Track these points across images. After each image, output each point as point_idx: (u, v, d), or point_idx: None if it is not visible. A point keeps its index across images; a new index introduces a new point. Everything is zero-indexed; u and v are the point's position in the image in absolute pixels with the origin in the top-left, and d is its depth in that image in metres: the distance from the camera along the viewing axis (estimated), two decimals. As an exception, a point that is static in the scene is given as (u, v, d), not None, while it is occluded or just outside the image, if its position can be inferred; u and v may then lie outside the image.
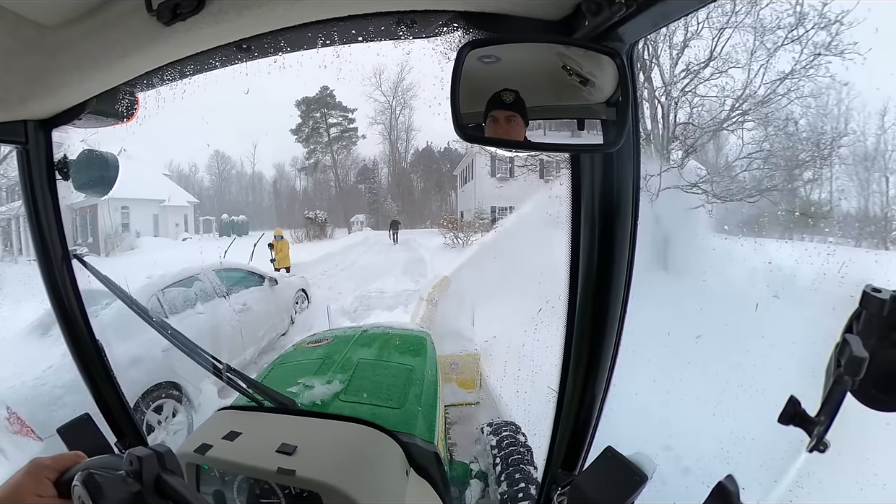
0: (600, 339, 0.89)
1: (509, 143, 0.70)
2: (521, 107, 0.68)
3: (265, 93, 29.22)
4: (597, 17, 0.62)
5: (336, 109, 37.17)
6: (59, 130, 1.09)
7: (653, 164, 7.99)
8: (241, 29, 0.76)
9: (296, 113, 37.02)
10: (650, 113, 8.77)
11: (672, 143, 8.72)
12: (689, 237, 7.66)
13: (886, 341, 0.59)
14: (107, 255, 18.26)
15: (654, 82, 8.75)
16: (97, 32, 0.82)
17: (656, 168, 7.94)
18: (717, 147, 9.60)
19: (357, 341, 2.32)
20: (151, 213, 23.74)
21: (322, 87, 35.77)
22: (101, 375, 1.33)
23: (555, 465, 1.01)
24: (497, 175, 22.68)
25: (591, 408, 0.95)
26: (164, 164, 29.05)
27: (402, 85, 38.46)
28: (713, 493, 0.64)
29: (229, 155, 40.02)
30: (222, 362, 1.38)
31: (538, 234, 7.51)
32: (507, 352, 4.42)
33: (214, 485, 1.17)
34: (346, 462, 1.14)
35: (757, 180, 8.36)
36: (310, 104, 36.50)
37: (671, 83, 8.72)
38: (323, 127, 37.33)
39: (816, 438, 0.63)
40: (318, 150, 37.89)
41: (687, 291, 6.03)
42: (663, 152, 8.59)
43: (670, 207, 7.72)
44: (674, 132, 8.76)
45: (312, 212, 28.47)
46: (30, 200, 1.16)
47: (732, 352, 4.35)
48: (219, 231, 29.08)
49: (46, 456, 0.72)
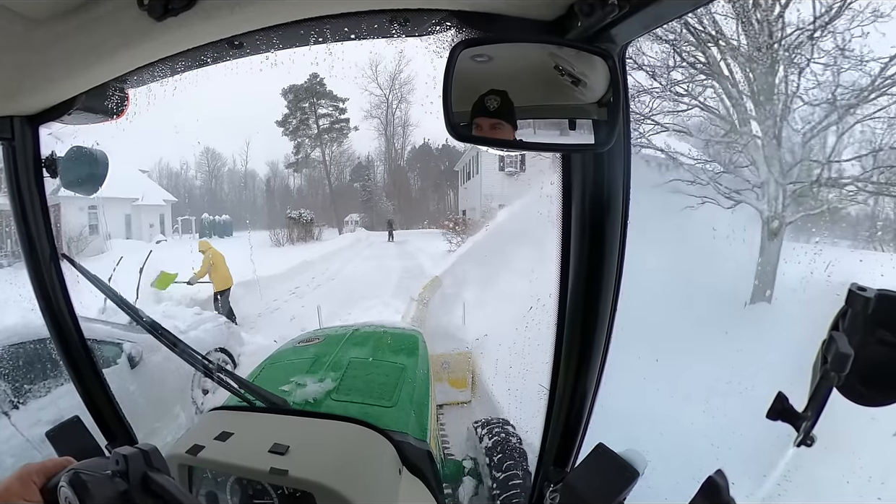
0: (591, 336, 0.90)
1: (501, 143, 0.70)
2: (506, 112, 0.67)
3: (258, 89, 28.50)
4: (589, 17, 0.62)
5: (326, 99, 35.21)
6: (46, 127, 1.07)
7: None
8: (233, 25, 0.76)
9: (282, 103, 35.09)
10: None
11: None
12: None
13: (871, 338, 0.60)
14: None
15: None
16: (87, 27, 0.81)
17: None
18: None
19: (349, 340, 2.31)
20: (123, 212, 21.42)
21: (311, 75, 33.14)
22: (90, 377, 1.31)
23: (547, 462, 1.02)
24: (506, 169, 20.25)
25: (583, 405, 0.96)
26: (142, 161, 26.97)
27: (399, 78, 36.79)
28: (703, 488, 0.65)
29: (220, 152, 38.68)
30: (213, 362, 1.37)
31: (545, 233, 7.22)
32: (499, 349, 4.44)
33: (207, 486, 1.16)
34: (338, 461, 1.14)
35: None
36: (298, 93, 34.34)
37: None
38: (312, 118, 35.40)
39: (804, 433, 0.65)
40: (306, 143, 36.08)
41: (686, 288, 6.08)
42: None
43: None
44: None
45: (296, 211, 26.17)
46: (16, 199, 1.14)
47: (721, 349, 4.40)
48: (199, 232, 26.79)
49: (36, 462, 0.72)
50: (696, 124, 8.11)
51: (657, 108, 7.85)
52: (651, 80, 7.68)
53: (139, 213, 22.71)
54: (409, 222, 33.40)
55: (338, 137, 36.27)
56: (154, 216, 23.93)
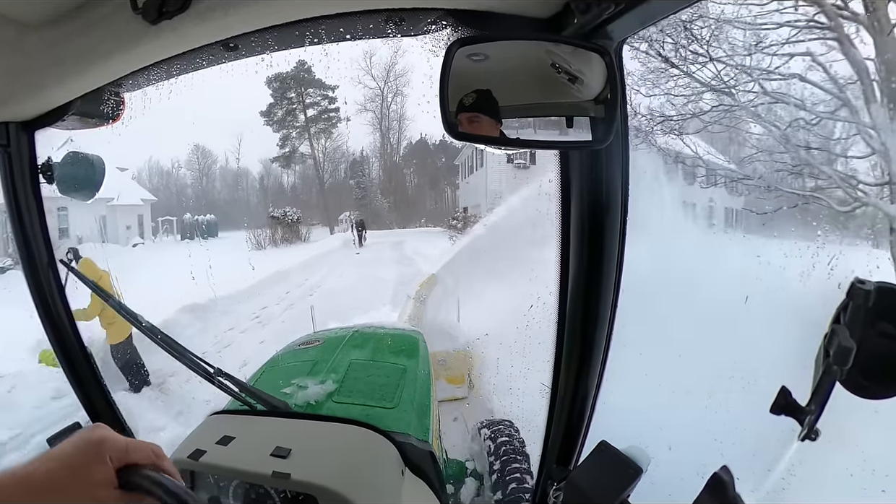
0: (592, 334, 0.90)
1: (498, 141, 0.70)
2: (484, 106, 0.68)
3: (251, 87, 27.56)
4: (585, 14, 0.62)
5: (314, 87, 32.42)
6: (42, 132, 1.07)
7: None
8: (227, 27, 0.75)
9: (267, 93, 32.12)
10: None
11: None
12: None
13: (872, 331, 0.60)
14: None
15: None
16: (81, 32, 0.81)
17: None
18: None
19: (349, 342, 2.31)
20: (97, 214, 18.95)
21: (299, 62, 29.64)
22: (90, 382, 1.31)
23: (550, 460, 1.02)
24: (515, 161, 17.30)
25: (585, 402, 0.96)
26: (126, 159, 23.46)
27: (394, 69, 34.16)
28: (709, 484, 0.65)
29: (210, 149, 35.89)
30: (213, 366, 1.36)
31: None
32: (500, 349, 4.44)
33: (209, 491, 1.16)
34: (341, 464, 1.13)
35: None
36: (284, 81, 31.29)
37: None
38: (299, 108, 32.67)
39: (807, 427, 0.64)
40: (293, 135, 33.27)
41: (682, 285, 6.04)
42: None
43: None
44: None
45: (280, 209, 23.15)
46: (12, 204, 1.13)
47: (724, 344, 4.40)
48: (180, 233, 25.14)
49: (118, 436, 0.59)
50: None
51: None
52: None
53: (115, 214, 20.56)
54: (405, 221, 32.18)
55: (327, 128, 33.84)
56: (131, 217, 21.85)
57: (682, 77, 7.06)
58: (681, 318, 4.69)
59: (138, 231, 21.98)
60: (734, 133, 8.39)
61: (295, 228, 22.57)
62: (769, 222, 6.63)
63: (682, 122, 7.53)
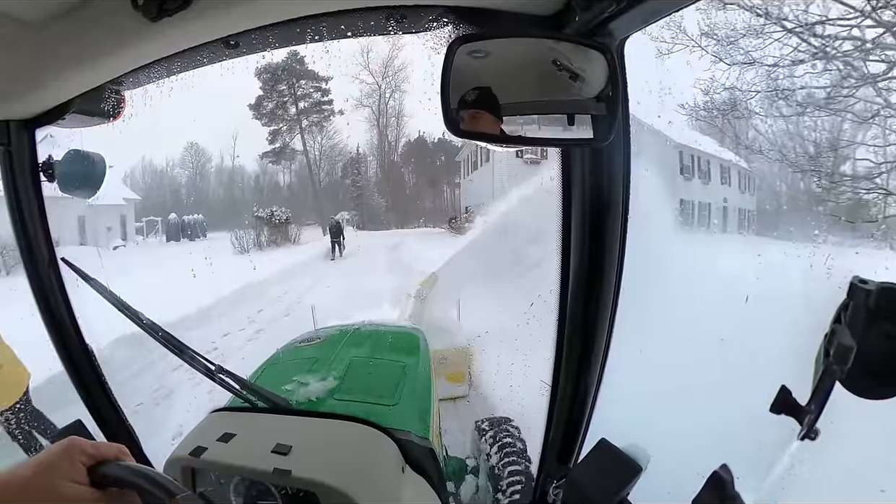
0: (592, 331, 0.90)
1: (499, 138, 0.70)
2: (485, 103, 0.68)
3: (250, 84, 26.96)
4: (587, 12, 0.62)
5: (305, 79, 31.14)
6: (42, 130, 1.07)
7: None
8: (228, 25, 0.75)
9: (257, 85, 30.89)
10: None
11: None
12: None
13: (873, 331, 0.60)
14: (7, 274, 11.05)
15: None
16: (81, 29, 0.80)
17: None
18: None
19: (350, 339, 2.31)
20: (75, 214, 17.50)
21: (290, 52, 27.32)
22: (92, 380, 1.31)
23: (549, 458, 1.02)
24: (525, 156, 15.04)
25: (585, 400, 0.96)
26: (116, 157, 21.77)
27: (392, 65, 33.39)
28: (708, 483, 0.65)
29: (204, 147, 34.56)
30: (214, 363, 1.37)
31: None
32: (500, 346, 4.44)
33: (210, 487, 1.16)
34: (341, 460, 1.14)
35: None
36: (274, 72, 29.82)
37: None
38: (290, 100, 31.41)
39: (807, 426, 0.64)
40: (283, 130, 32.02)
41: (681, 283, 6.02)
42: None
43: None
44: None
45: (266, 209, 20.71)
46: (13, 203, 1.13)
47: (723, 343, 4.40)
48: (165, 234, 24.01)
49: (86, 440, 0.66)
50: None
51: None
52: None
53: (95, 215, 18.84)
54: (403, 221, 31.53)
55: (319, 122, 32.54)
56: (113, 218, 20.39)
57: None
58: (682, 316, 4.69)
59: (121, 233, 20.92)
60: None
61: (283, 229, 20.53)
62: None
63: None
